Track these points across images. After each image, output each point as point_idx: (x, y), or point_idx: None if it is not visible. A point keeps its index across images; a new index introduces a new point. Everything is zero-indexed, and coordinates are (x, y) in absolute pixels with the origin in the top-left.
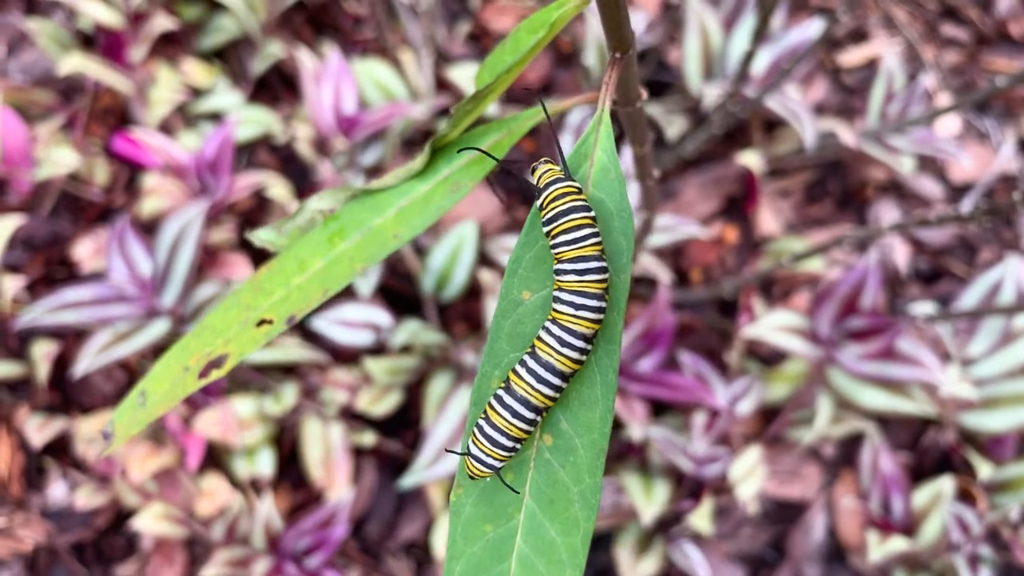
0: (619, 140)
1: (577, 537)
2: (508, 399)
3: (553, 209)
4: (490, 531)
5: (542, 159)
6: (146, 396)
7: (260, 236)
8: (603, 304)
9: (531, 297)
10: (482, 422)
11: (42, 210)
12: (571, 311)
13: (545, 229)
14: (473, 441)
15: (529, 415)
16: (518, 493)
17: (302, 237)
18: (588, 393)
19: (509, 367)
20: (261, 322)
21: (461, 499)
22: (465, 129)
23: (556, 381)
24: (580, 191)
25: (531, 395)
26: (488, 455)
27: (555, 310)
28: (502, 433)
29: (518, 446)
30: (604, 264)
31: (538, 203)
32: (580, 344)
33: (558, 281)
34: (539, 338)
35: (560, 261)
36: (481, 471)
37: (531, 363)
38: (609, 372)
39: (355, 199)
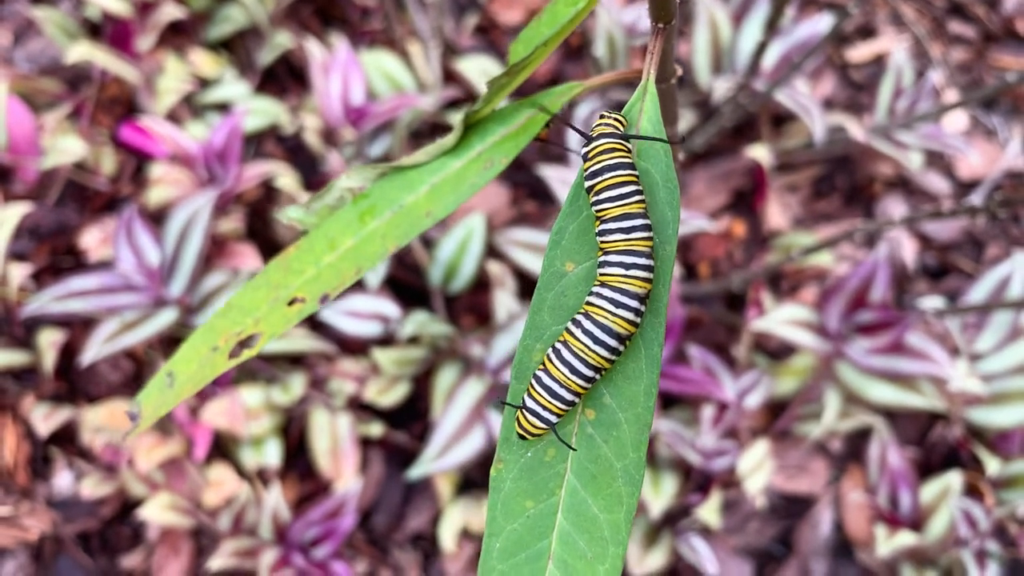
0: None
1: (620, 513)
2: (566, 354)
3: (599, 162)
4: (531, 507)
5: (611, 110)
6: (174, 377)
7: (289, 214)
8: (652, 263)
9: (575, 269)
10: (540, 373)
11: (48, 199)
12: (622, 272)
13: (587, 184)
14: (530, 392)
15: (588, 372)
16: (575, 450)
17: (331, 216)
18: (632, 367)
19: (552, 339)
20: (292, 301)
21: (501, 474)
22: (497, 106)
23: (613, 343)
24: (630, 150)
25: (588, 355)
26: (545, 407)
27: (604, 274)
28: (560, 384)
29: (576, 400)
30: (649, 222)
31: (584, 152)
32: (635, 304)
33: (603, 244)
34: (589, 303)
35: (604, 221)
36: (536, 426)
37: (587, 324)
38: (654, 345)
39: (385, 177)
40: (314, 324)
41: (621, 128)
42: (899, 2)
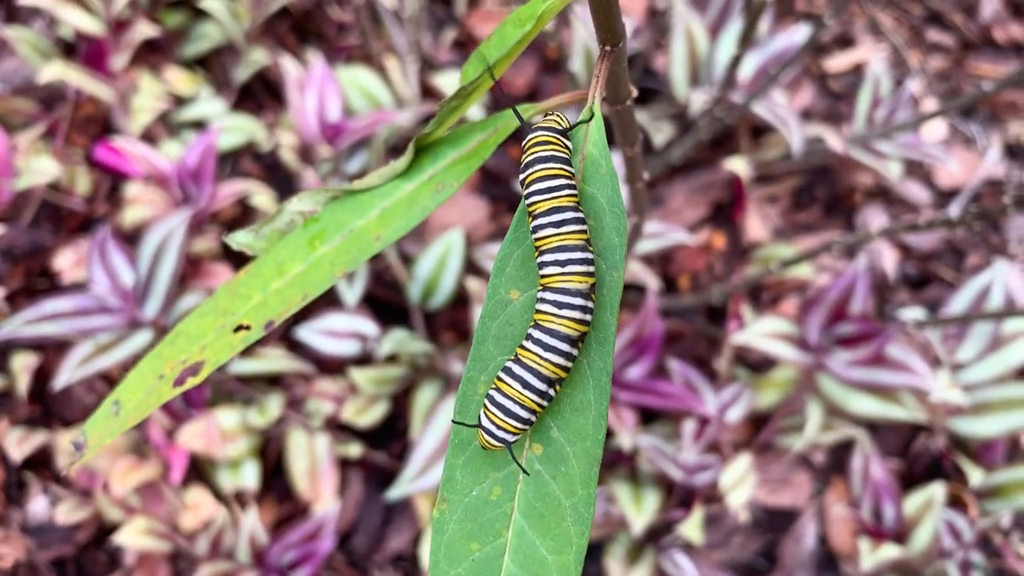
0: (608, 141)
1: (570, 555)
2: (518, 370)
3: (532, 154)
4: (476, 551)
5: (555, 112)
6: (120, 405)
7: (237, 239)
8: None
9: (519, 297)
10: (493, 392)
11: (22, 220)
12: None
13: (521, 178)
14: (485, 413)
15: (541, 387)
16: (528, 474)
17: (281, 240)
18: (580, 398)
19: (497, 371)
20: (238, 328)
21: (444, 515)
22: (450, 128)
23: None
24: (567, 147)
25: (522, 399)
26: (500, 427)
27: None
28: (515, 402)
29: (533, 418)
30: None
31: (522, 145)
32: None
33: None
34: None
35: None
36: (494, 444)
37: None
38: (602, 376)
39: (336, 200)
40: (291, 344)
41: (561, 126)
42: (877, 11)
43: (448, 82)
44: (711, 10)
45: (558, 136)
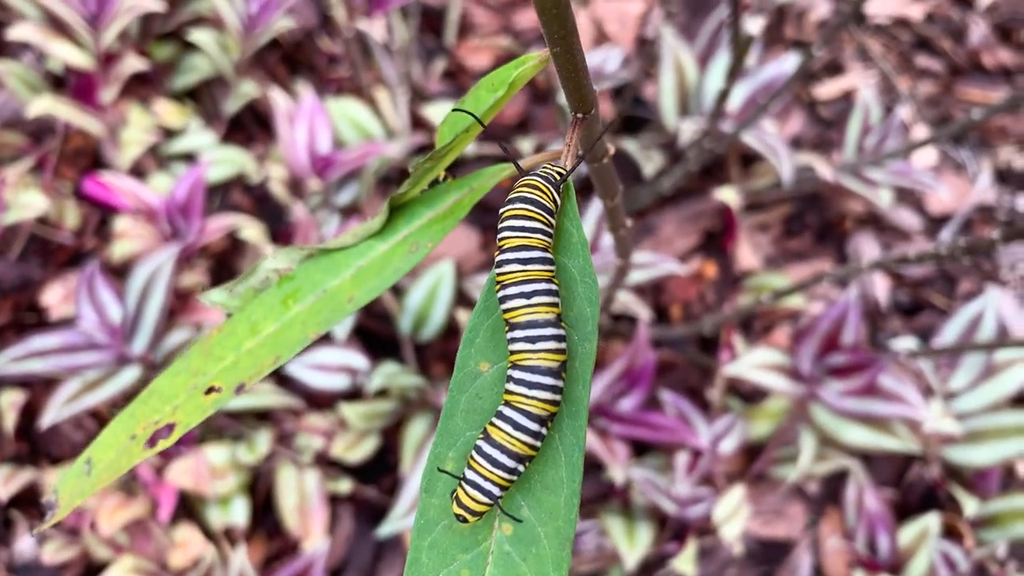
0: (590, 191)
1: None
2: (487, 448)
3: (505, 217)
4: None
5: (554, 166)
6: (92, 464)
7: (211, 298)
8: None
9: (489, 369)
10: (480, 443)
11: (11, 253)
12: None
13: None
14: (470, 465)
15: (511, 464)
16: (520, 521)
17: (255, 298)
18: (552, 475)
19: (466, 446)
20: (210, 390)
21: None
22: (426, 187)
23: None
24: (546, 210)
25: (492, 476)
26: (487, 478)
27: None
28: (504, 451)
29: (521, 468)
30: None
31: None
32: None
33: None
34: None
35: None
36: (479, 502)
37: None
38: (575, 452)
39: (311, 259)
40: (280, 378)
41: (551, 181)
42: (865, 37)
43: (438, 113)
44: (700, 40)
45: (541, 193)
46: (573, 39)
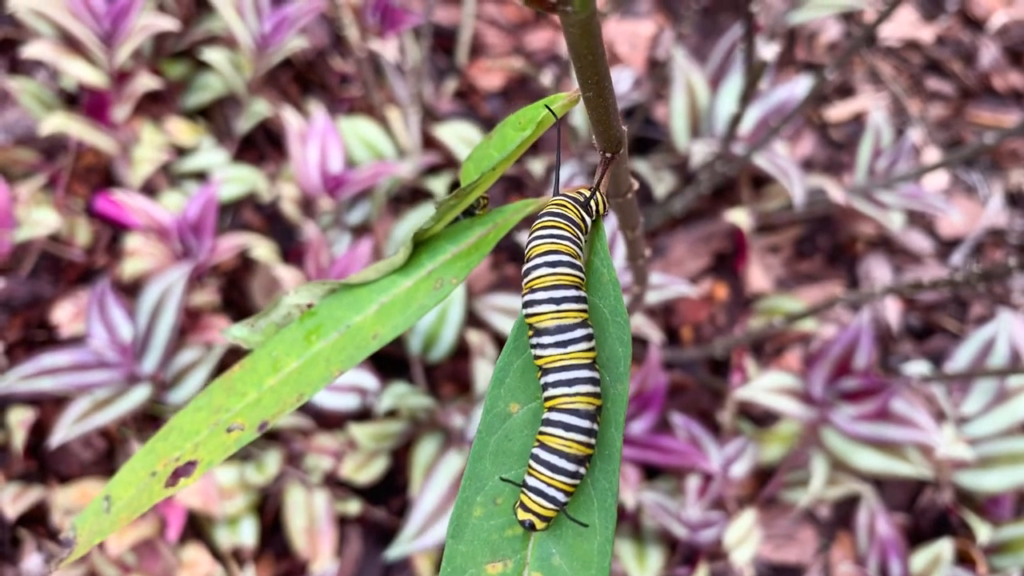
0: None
1: None
2: (533, 483)
3: (533, 255)
4: None
5: (570, 191)
6: (111, 502)
7: (233, 333)
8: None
9: (519, 410)
10: (537, 450)
11: (22, 270)
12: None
13: (523, 280)
14: (530, 472)
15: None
16: (586, 526)
17: (277, 334)
18: (584, 521)
19: (494, 491)
20: (231, 428)
21: None
22: (450, 223)
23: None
24: (577, 239)
25: (543, 510)
26: (550, 484)
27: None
28: (563, 456)
29: (582, 470)
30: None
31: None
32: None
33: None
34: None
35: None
36: (545, 508)
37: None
38: (608, 496)
39: (334, 294)
40: None
41: (577, 204)
42: (876, 60)
43: (450, 133)
44: (711, 62)
45: (568, 223)
46: (606, 83)
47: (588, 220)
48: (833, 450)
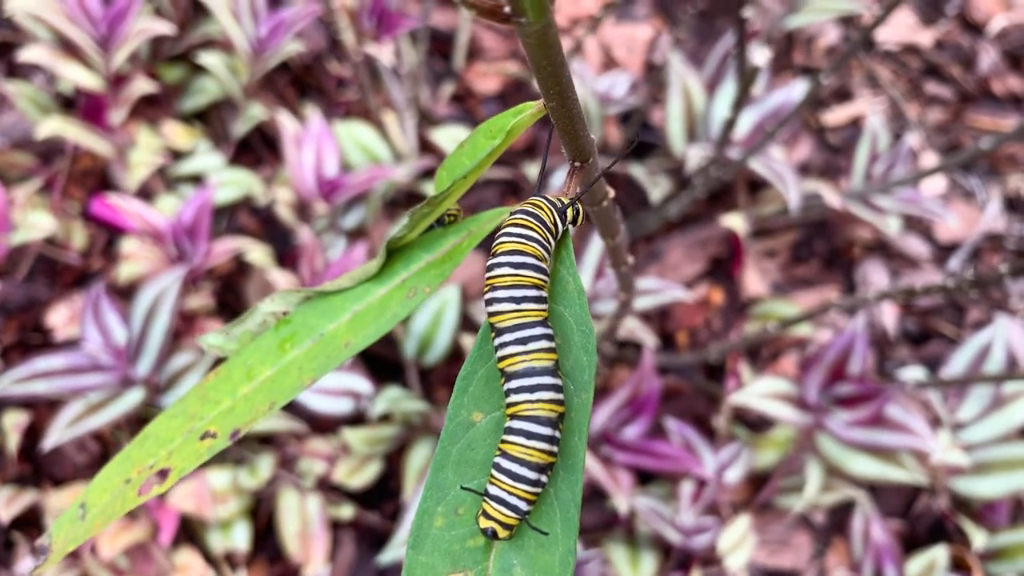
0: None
1: None
2: (494, 491)
3: (496, 251)
4: None
5: (565, 198)
6: (86, 508)
7: (208, 341)
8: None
9: (483, 419)
10: (499, 459)
11: (17, 274)
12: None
13: (485, 278)
14: (492, 481)
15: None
16: (547, 535)
17: (252, 341)
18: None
19: (456, 500)
20: (205, 435)
21: None
22: (424, 231)
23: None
24: (542, 243)
25: (505, 518)
26: (511, 492)
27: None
28: (524, 465)
29: (544, 478)
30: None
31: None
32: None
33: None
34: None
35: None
36: (507, 516)
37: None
38: (570, 507)
39: (309, 301)
40: None
41: (554, 207)
42: (874, 64)
43: (445, 137)
44: (708, 66)
45: (540, 225)
46: (568, 93)
47: (560, 226)
48: (828, 456)
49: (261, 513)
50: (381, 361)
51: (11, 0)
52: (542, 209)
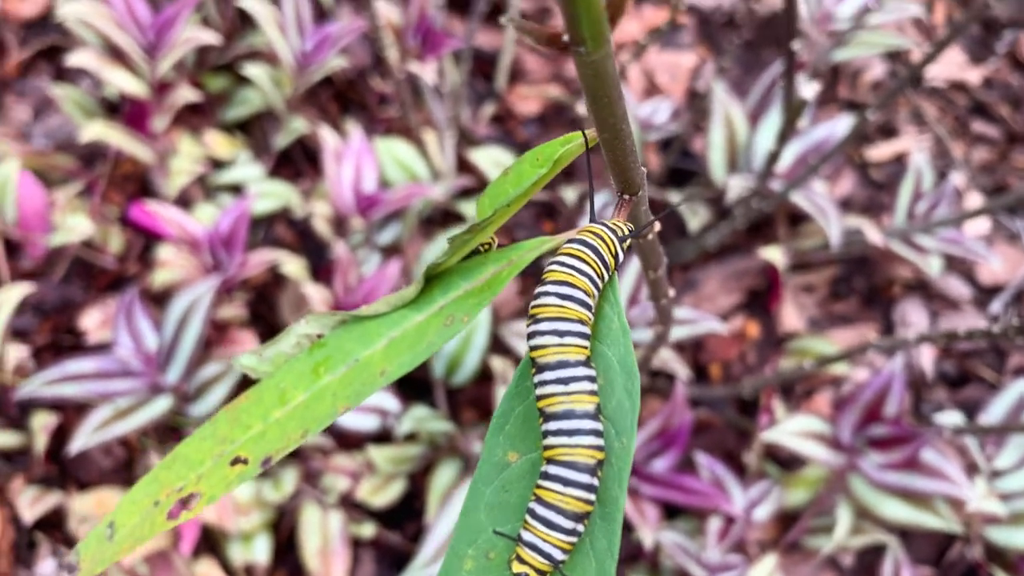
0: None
1: None
2: (528, 537)
3: (544, 282)
4: None
5: (618, 222)
6: (114, 529)
7: (241, 362)
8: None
9: (519, 459)
10: (533, 504)
11: (54, 275)
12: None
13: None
14: (526, 527)
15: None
16: None
17: (286, 364)
18: None
19: (487, 544)
20: (235, 460)
21: None
22: (463, 258)
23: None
24: (591, 278)
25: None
26: (545, 540)
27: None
28: (559, 512)
29: (580, 527)
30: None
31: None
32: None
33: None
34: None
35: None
36: (542, 563)
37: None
38: (606, 559)
39: (344, 325)
40: None
41: (615, 235)
42: (921, 100)
43: (484, 158)
44: (752, 97)
45: (595, 258)
46: (623, 125)
47: (621, 256)
48: (859, 498)
49: (283, 527)
50: (409, 379)
51: (63, 5)
52: (601, 239)
